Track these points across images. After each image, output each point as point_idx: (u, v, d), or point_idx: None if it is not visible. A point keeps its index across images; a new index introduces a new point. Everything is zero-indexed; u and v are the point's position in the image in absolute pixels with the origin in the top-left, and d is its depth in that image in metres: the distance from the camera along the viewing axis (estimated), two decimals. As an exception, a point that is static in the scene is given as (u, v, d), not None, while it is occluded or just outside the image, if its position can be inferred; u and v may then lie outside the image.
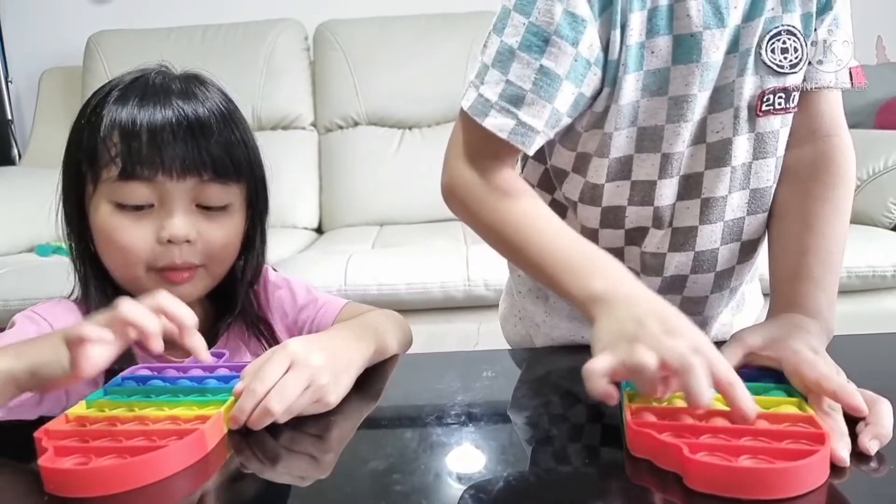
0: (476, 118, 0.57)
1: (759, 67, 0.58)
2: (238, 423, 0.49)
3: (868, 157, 1.67)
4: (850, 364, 0.50)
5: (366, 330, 0.62)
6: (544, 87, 0.56)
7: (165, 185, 0.61)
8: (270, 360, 0.50)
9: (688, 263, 0.66)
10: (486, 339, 1.49)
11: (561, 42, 0.55)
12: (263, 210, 0.71)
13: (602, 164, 0.62)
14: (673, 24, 0.57)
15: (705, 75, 0.58)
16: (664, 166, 0.62)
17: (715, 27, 0.56)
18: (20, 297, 1.45)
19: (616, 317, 0.47)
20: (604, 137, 0.61)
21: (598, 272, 0.52)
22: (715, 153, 0.61)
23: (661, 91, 0.59)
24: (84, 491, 0.40)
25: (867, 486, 0.40)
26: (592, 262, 0.53)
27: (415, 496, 0.40)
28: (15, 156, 2.35)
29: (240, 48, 2.20)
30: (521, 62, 0.56)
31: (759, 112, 0.59)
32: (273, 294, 0.75)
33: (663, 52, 0.57)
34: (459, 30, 2.17)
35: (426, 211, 2.06)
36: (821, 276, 0.58)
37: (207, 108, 0.63)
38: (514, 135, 0.56)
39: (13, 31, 2.41)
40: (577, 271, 0.53)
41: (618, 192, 0.64)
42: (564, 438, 0.48)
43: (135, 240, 0.62)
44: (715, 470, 0.38)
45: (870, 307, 1.51)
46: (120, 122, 0.61)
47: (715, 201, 0.63)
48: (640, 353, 0.42)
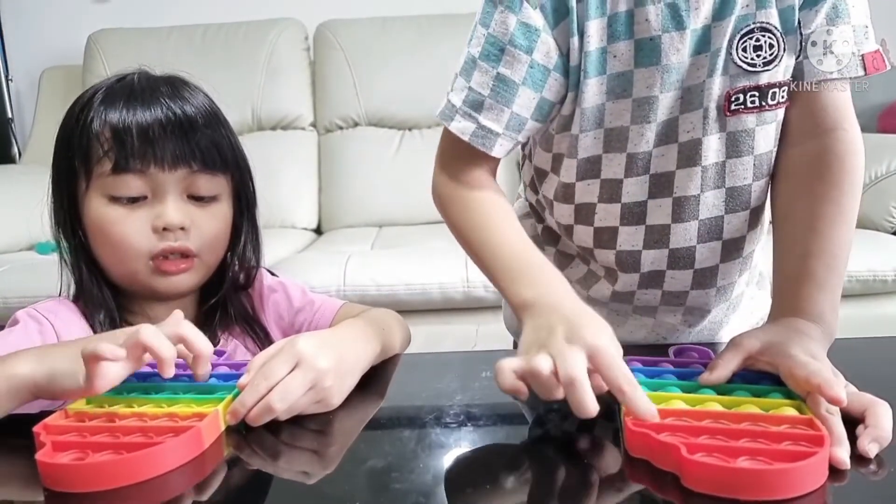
0: (444, 122, 0.63)
1: (728, 67, 0.58)
2: (238, 417, 0.49)
3: (870, 161, 1.65)
4: (850, 367, 0.49)
5: (374, 329, 0.62)
6: (501, 93, 0.60)
7: (158, 176, 0.63)
8: (277, 356, 0.50)
9: (663, 259, 0.67)
10: (484, 340, 1.48)
11: (515, 51, 0.59)
12: (252, 202, 0.73)
13: (572, 164, 0.65)
14: (633, 28, 0.58)
15: (666, 77, 0.59)
16: (629, 165, 0.63)
17: (674, 30, 0.57)
18: (20, 295, 1.44)
19: (535, 324, 0.50)
20: (572, 139, 0.63)
21: (531, 280, 0.55)
22: (686, 153, 0.62)
23: (626, 93, 0.60)
24: (81, 486, 0.40)
25: (865, 489, 0.40)
26: (529, 270, 0.56)
27: (413, 495, 0.40)
28: (15, 154, 2.35)
29: (240, 47, 2.20)
30: (481, 70, 0.60)
31: (728, 112, 0.60)
32: (269, 297, 0.76)
33: (625, 56, 0.59)
34: (460, 31, 2.16)
35: (425, 212, 2.06)
36: (823, 279, 0.56)
37: (194, 106, 0.66)
38: (475, 137, 0.61)
39: (14, 29, 2.41)
40: (514, 278, 0.56)
41: (588, 191, 0.66)
42: (562, 438, 0.48)
43: (131, 231, 0.64)
44: (712, 470, 0.37)
45: (870, 312, 1.51)
46: (111, 120, 0.63)
47: (686, 200, 0.64)
48: (538, 360, 0.45)
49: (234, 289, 0.73)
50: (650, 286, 0.70)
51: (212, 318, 0.72)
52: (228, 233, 0.70)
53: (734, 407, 0.45)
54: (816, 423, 0.41)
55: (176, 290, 0.67)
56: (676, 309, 0.72)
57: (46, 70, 2.33)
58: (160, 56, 2.17)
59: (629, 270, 0.69)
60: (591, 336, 0.46)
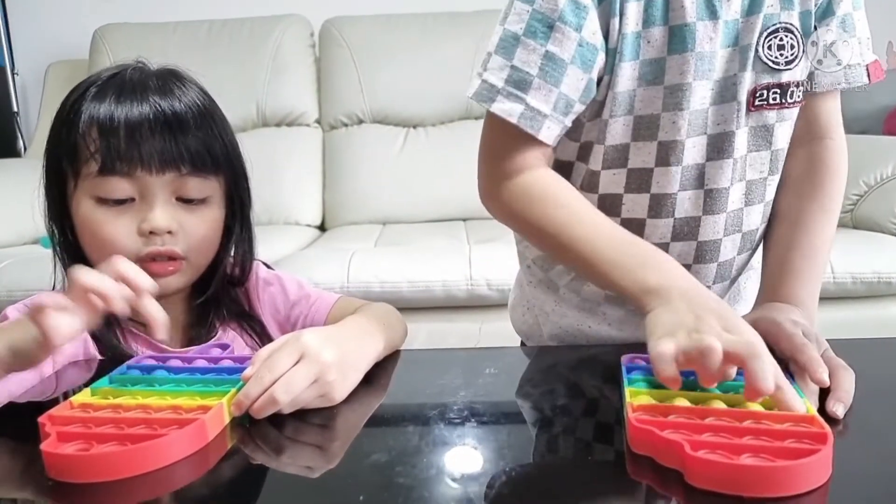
0: (483, 104, 0.59)
1: (756, 63, 0.60)
2: (242, 409, 0.49)
3: (875, 163, 1.66)
4: (855, 369, 0.50)
5: (378, 326, 0.62)
6: (550, 72, 0.57)
7: (145, 179, 0.62)
8: (282, 349, 0.51)
9: (690, 253, 0.67)
10: (487, 338, 1.48)
11: (565, 28, 0.57)
12: (246, 203, 0.72)
13: (598, 151, 0.64)
14: (668, 14, 0.59)
15: (699, 65, 0.59)
16: (661, 155, 0.63)
17: (707, 19, 0.59)
18: (24, 288, 1.45)
19: (674, 308, 0.49)
20: (600, 124, 0.63)
21: (651, 267, 0.54)
22: (717, 145, 0.63)
23: (658, 80, 0.60)
24: (85, 476, 0.41)
25: (868, 487, 0.40)
26: (645, 257, 0.55)
27: (417, 489, 0.40)
28: (20, 148, 2.36)
29: (245, 44, 2.20)
30: (527, 48, 0.57)
31: (752, 107, 0.62)
32: (264, 291, 0.75)
33: (659, 42, 0.59)
34: (466, 28, 2.17)
35: (429, 210, 2.06)
36: (804, 271, 0.62)
37: (184, 104, 0.64)
38: (523, 119, 0.58)
39: (20, 23, 2.41)
40: (631, 267, 0.55)
41: (614, 181, 0.65)
42: (566, 435, 0.48)
43: (117, 233, 0.63)
44: (716, 467, 0.37)
45: (875, 313, 1.50)
46: (98, 118, 0.62)
47: (718, 192, 0.64)
48: (708, 339, 0.44)
49: (229, 284, 0.73)
50: None
51: (206, 315, 0.72)
52: (219, 234, 0.69)
53: (738, 405, 0.45)
54: (819, 421, 0.41)
55: (163, 292, 0.66)
56: None
57: (52, 64, 2.34)
58: (165, 51, 2.17)
59: None
60: (746, 329, 0.46)
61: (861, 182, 1.66)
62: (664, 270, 0.54)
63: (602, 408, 0.52)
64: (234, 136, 0.70)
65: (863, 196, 1.67)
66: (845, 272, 1.45)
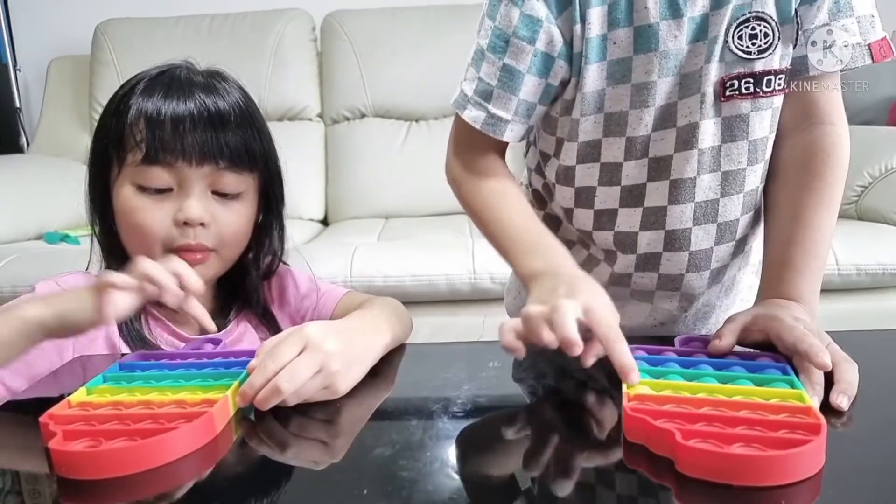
0: (458, 111, 0.67)
1: (725, 54, 0.60)
2: (246, 400, 0.49)
3: (880, 153, 1.66)
4: (859, 360, 0.51)
5: (385, 320, 0.63)
6: (507, 83, 0.63)
7: (184, 170, 0.65)
8: (285, 340, 0.51)
9: (659, 241, 0.69)
10: (490, 332, 1.48)
11: (519, 42, 0.62)
12: (279, 201, 0.75)
13: (572, 147, 0.67)
14: (632, 16, 0.60)
15: (664, 63, 0.60)
16: (629, 149, 0.65)
17: (671, 18, 0.59)
18: (28, 284, 1.44)
19: (540, 288, 0.55)
20: (572, 123, 0.66)
21: (539, 253, 0.60)
22: (683, 136, 0.63)
23: (625, 79, 0.62)
24: (95, 473, 0.41)
25: (860, 477, 0.40)
26: (537, 244, 0.61)
27: (420, 482, 0.40)
28: (23, 144, 2.36)
29: (247, 38, 2.20)
30: (489, 61, 0.64)
31: (723, 97, 0.61)
32: (277, 284, 0.78)
33: (624, 43, 0.61)
34: (468, 22, 2.15)
35: (432, 204, 2.06)
36: (804, 266, 0.61)
37: (227, 102, 0.68)
38: (486, 125, 0.65)
39: (21, 19, 2.41)
40: (524, 252, 0.61)
41: (588, 174, 0.68)
42: (565, 425, 0.49)
43: (153, 220, 0.66)
44: (704, 456, 0.38)
45: (879, 305, 1.50)
46: (146, 111, 0.65)
47: (683, 182, 0.65)
48: (531, 307, 0.50)
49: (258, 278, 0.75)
50: (646, 269, 0.71)
51: (228, 306, 0.74)
52: (250, 229, 0.72)
53: (734, 395, 0.45)
54: (815, 412, 0.41)
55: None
56: (672, 294, 0.73)
57: (54, 60, 2.34)
58: (167, 46, 2.17)
59: (626, 251, 0.71)
60: (588, 295, 0.51)
61: (865, 173, 1.66)
62: (548, 257, 0.59)
63: (601, 398, 0.52)
64: (271, 138, 0.73)
65: (867, 187, 1.66)
66: (850, 264, 1.45)
